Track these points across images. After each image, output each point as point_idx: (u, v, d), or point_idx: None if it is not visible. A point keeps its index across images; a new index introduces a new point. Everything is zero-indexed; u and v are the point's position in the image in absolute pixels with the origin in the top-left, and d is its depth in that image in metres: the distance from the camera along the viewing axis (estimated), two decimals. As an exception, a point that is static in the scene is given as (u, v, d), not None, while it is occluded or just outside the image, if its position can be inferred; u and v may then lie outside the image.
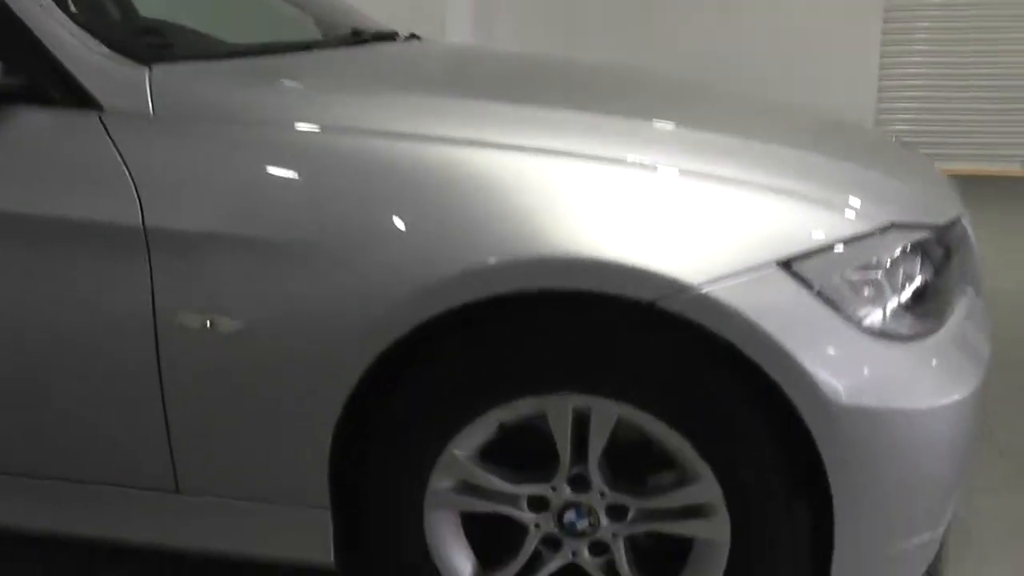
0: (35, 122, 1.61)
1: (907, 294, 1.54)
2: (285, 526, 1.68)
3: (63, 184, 1.59)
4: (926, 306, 1.56)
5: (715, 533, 1.56)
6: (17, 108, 1.61)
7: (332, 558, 1.69)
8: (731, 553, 1.57)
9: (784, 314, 1.43)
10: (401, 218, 1.50)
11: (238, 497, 1.69)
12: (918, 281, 1.56)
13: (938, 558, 2.11)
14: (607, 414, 1.52)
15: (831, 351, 1.45)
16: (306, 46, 2.20)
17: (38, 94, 1.60)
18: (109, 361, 1.62)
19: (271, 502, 1.67)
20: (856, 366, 1.46)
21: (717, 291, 1.42)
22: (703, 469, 1.52)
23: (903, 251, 1.54)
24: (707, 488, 1.53)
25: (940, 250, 1.63)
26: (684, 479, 1.56)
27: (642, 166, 1.54)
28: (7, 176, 1.61)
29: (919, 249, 1.57)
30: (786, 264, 1.46)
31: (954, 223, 1.73)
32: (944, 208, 1.75)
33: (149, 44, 1.77)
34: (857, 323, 1.47)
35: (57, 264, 1.59)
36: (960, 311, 1.66)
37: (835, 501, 1.49)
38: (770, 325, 1.42)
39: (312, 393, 1.56)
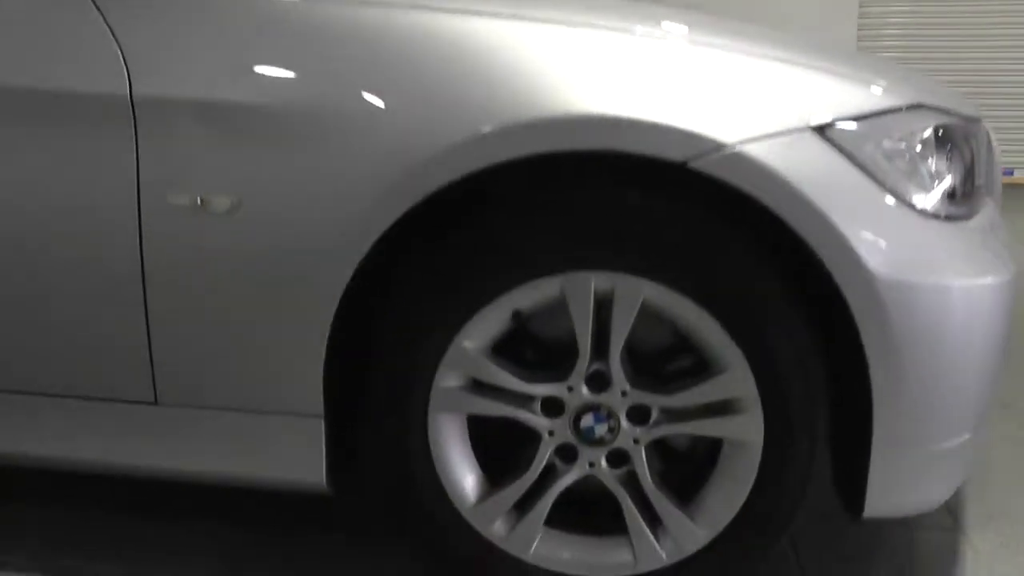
0: None
1: (943, 180, 1.46)
2: (273, 440, 1.53)
3: (44, 54, 1.46)
4: (958, 194, 1.49)
5: (747, 432, 1.44)
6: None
7: (324, 477, 1.54)
8: (763, 455, 1.45)
9: (821, 178, 1.34)
10: (396, 86, 1.39)
11: (222, 407, 1.53)
12: (948, 167, 1.48)
13: (958, 494, 2.03)
14: (632, 294, 1.40)
15: (870, 220, 1.35)
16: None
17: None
18: (85, 247, 1.48)
19: (258, 411, 1.52)
20: (896, 238, 1.37)
21: (752, 150, 1.32)
22: (735, 357, 1.40)
23: (934, 132, 1.47)
24: (739, 379, 1.41)
25: (967, 146, 1.56)
26: (712, 372, 1.44)
27: (662, 36, 1.46)
28: None
29: (948, 135, 1.50)
30: (820, 130, 1.37)
31: (978, 121, 1.67)
32: (967, 106, 1.68)
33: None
34: (895, 195, 1.39)
35: (32, 140, 1.46)
36: (986, 212, 1.59)
37: (874, 387, 1.38)
38: (807, 187, 1.32)
39: (308, 281, 1.43)
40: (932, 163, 1.46)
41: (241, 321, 1.47)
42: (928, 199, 1.41)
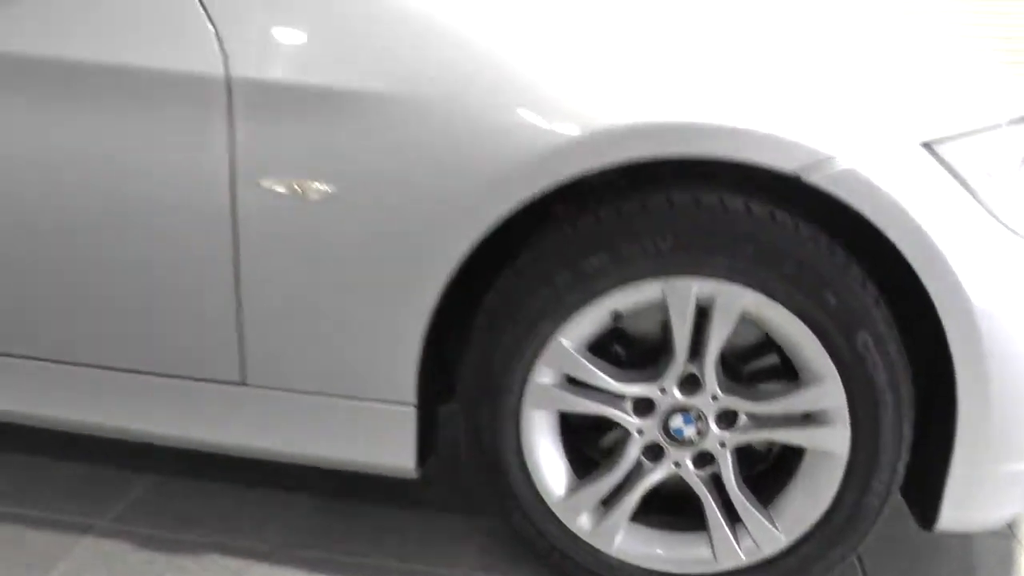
0: None
1: None
2: (362, 426, 1.56)
3: (135, 31, 1.46)
4: None
5: (834, 444, 1.46)
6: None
7: (414, 463, 1.57)
8: (847, 467, 1.47)
9: (928, 198, 1.34)
10: (512, 71, 1.38)
11: (311, 391, 1.56)
12: None
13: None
14: (733, 303, 1.41)
15: (973, 246, 1.35)
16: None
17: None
18: (177, 231, 1.49)
19: (349, 397, 1.55)
20: (996, 263, 1.36)
21: (864, 166, 1.32)
22: (828, 370, 1.41)
23: None
24: (830, 392, 1.43)
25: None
26: (803, 383, 1.46)
27: (782, 38, 1.46)
28: (68, 21, 1.49)
29: None
30: (929, 146, 1.37)
31: None
32: None
33: None
34: (997, 217, 1.38)
35: (122, 120, 1.47)
36: None
37: (960, 412, 1.39)
38: (916, 208, 1.32)
39: (408, 271, 1.45)
40: None
41: (335, 309, 1.49)
42: None
